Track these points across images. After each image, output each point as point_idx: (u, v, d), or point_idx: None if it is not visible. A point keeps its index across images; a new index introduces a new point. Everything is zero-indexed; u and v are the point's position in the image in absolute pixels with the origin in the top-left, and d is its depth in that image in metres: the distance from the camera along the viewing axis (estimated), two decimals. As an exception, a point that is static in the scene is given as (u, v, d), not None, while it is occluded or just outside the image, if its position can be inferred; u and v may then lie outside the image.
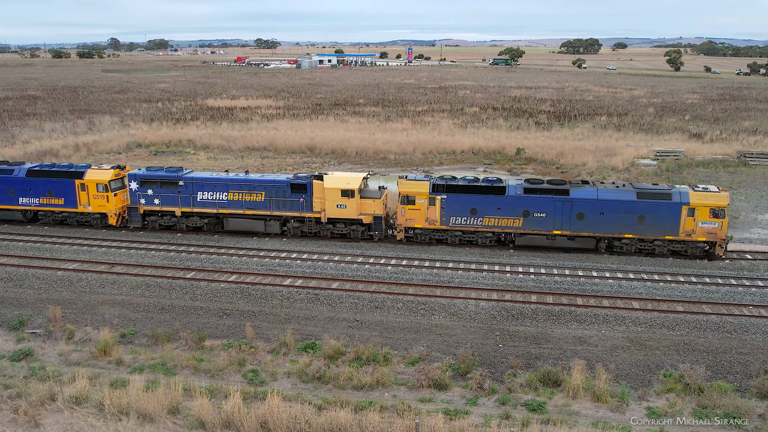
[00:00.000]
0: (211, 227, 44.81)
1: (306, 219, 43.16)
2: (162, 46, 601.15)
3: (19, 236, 43.92)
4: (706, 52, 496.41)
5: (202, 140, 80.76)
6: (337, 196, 41.85)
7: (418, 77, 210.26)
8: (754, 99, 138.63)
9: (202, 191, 43.82)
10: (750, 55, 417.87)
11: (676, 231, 38.98)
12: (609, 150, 73.34)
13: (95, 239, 43.19)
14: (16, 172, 46.11)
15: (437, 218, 41.13)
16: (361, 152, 74.28)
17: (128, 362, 26.94)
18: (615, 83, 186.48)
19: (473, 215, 40.67)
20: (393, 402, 23.76)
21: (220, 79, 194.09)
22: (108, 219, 45.54)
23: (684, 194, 38.88)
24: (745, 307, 32.40)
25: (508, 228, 40.65)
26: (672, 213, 38.70)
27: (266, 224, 43.69)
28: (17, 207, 46.44)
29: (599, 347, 28.47)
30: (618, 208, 39.12)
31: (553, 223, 40.02)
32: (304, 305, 32.78)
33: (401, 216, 41.63)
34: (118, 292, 34.52)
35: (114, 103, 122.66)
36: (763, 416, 22.99)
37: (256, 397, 23.73)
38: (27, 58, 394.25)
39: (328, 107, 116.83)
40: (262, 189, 43.03)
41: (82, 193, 45.08)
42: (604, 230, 39.79)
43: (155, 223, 45.34)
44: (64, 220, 46.64)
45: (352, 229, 42.91)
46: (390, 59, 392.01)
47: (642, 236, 39.57)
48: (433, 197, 40.78)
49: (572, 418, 22.85)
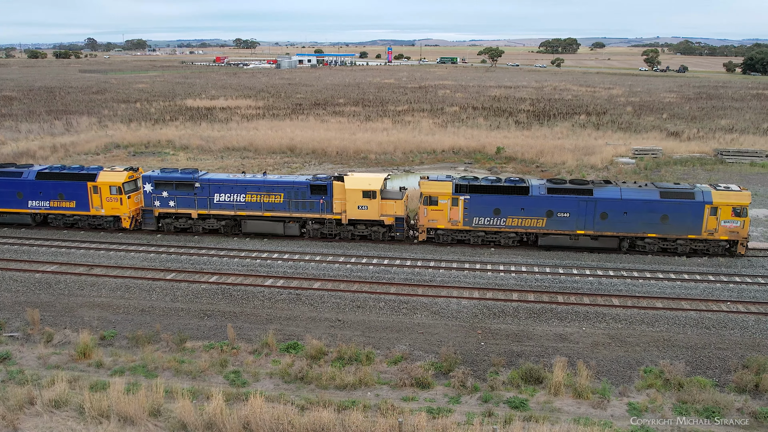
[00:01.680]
0: (228, 229, 44.04)
1: (326, 221, 42.55)
2: (140, 46, 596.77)
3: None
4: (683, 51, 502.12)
5: (181, 141, 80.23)
6: (358, 197, 41.32)
7: (398, 77, 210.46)
8: (730, 98, 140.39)
9: (219, 193, 43.04)
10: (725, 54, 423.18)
11: (699, 230, 39.21)
12: (588, 149, 73.93)
13: (74, 241, 42.72)
14: (25, 174, 44.99)
15: (460, 219, 40.85)
16: (342, 152, 74.18)
17: (108, 365, 26.69)
18: (593, 82, 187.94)
19: (496, 215, 40.44)
20: (376, 401, 23.76)
21: (199, 80, 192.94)
22: (121, 222, 44.61)
23: (707, 193, 39.10)
24: (724, 303, 32.78)
25: (532, 228, 40.48)
26: (695, 212, 38.91)
27: (285, 226, 43.00)
28: (26, 210, 45.23)
29: (580, 344, 28.67)
30: (641, 208, 39.23)
31: (576, 223, 39.99)
32: (285, 305, 32.68)
33: (423, 217, 41.29)
34: (98, 294, 34.19)
35: (92, 103, 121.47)
36: (742, 410, 23.28)
37: (238, 398, 23.61)
38: (2, 59, 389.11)
39: (308, 107, 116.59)
40: (281, 190, 42.32)
41: (95, 196, 44.10)
42: (627, 230, 39.85)
43: (170, 225, 44.42)
44: (75, 224, 45.55)
45: (373, 230, 42.34)
46: (370, 59, 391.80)
47: (665, 235, 39.70)
48: (456, 197, 40.49)
49: (554, 415, 23.00)
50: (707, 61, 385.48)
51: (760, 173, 64.84)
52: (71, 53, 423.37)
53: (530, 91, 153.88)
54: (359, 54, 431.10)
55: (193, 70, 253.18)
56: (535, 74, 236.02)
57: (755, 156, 71.45)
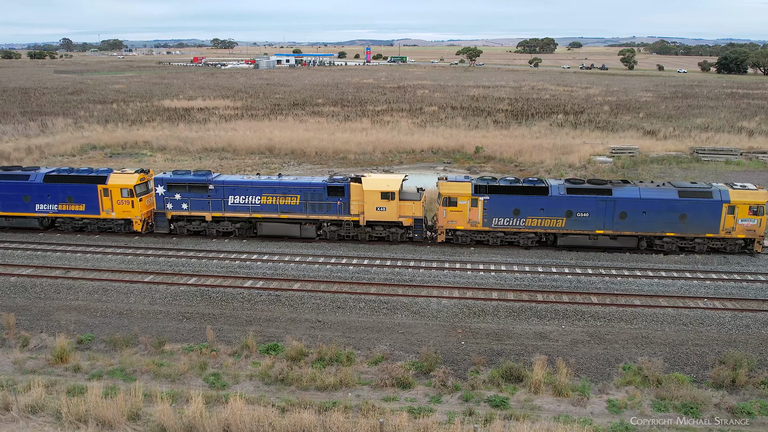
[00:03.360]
0: (243, 232, 43.52)
1: (344, 222, 42.20)
2: (116, 46, 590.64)
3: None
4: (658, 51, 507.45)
5: (158, 141, 79.53)
6: (376, 198, 40.99)
7: (377, 77, 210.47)
8: (705, 97, 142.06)
9: (234, 195, 42.46)
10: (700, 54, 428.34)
11: (717, 228, 39.55)
12: (566, 147, 74.41)
13: (50, 243, 42.16)
14: (32, 177, 43.95)
15: (479, 219, 40.68)
16: (321, 152, 74.03)
17: (86, 369, 26.37)
18: (571, 82, 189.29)
19: (516, 216, 40.36)
20: (357, 402, 23.71)
21: (177, 80, 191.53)
22: (133, 225, 43.79)
23: (724, 192, 39.46)
24: (701, 300, 33.15)
25: (551, 228, 40.49)
26: (712, 211, 39.25)
27: (302, 228, 42.57)
28: (33, 214, 44.27)
29: (560, 342, 28.83)
30: (660, 207, 39.46)
31: (595, 223, 40.06)
32: (265, 307, 32.51)
33: (442, 218, 41.05)
34: (74, 297, 33.78)
35: (67, 104, 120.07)
36: (719, 406, 23.55)
37: (218, 400, 23.44)
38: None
39: (287, 107, 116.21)
40: (298, 192, 41.82)
41: (105, 199, 43.21)
42: (646, 229, 40.03)
43: (183, 228, 43.75)
44: (84, 227, 44.72)
45: (391, 231, 42.06)
46: (348, 59, 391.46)
47: (683, 234, 39.98)
48: (475, 198, 40.32)
49: (534, 413, 23.09)
50: (682, 60, 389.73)
51: (735, 171, 65.62)
52: (46, 53, 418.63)
53: (508, 91, 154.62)
54: (338, 54, 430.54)
55: (171, 71, 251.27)
56: (513, 74, 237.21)
57: (730, 154, 72.31)
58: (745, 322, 30.66)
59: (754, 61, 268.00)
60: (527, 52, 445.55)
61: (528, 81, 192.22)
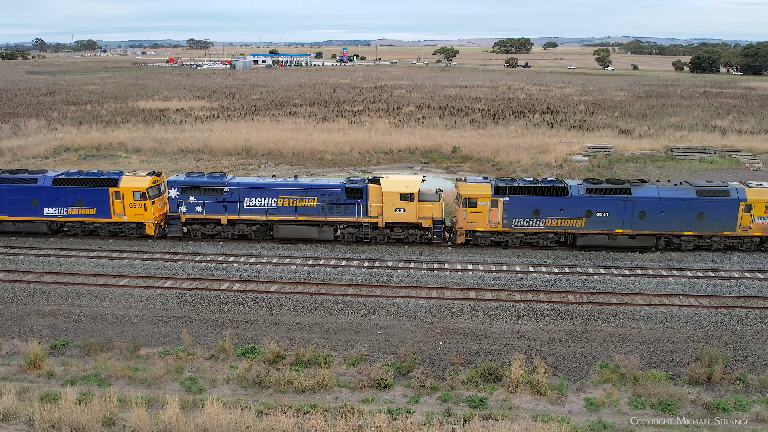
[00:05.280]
0: (259, 235, 43.04)
1: (362, 224, 41.86)
2: (90, 46, 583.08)
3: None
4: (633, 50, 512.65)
5: (133, 143, 78.68)
6: (396, 199, 40.71)
7: (354, 77, 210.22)
8: (679, 96, 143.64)
9: (249, 197, 41.97)
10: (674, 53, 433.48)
11: (734, 227, 40.02)
12: (542, 147, 74.79)
13: (22, 247, 41.51)
14: (41, 180, 42.87)
15: (499, 220, 40.58)
16: (298, 153, 73.72)
17: (59, 374, 25.96)
18: (547, 81, 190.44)
19: (536, 216, 40.36)
20: (335, 404, 23.58)
21: (152, 81, 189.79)
22: (145, 229, 43.03)
23: (741, 191, 39.90)
24: (676, 297, 33.46)
25: (571, 228, 40.55)
26: (729, 209, 39.70)
27: (319, 230, 42.13)
28: (42, 218, 43.31)
29: (538, 341, 28.92)
30: (679, 206, 39.75)
31: (615, 223, 40.20)
32: (242, 309, 32.26)
33: (462, 219, 40.89)
34: (48, 301, 33.25)
35: (40, 106, 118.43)
36: (695, 402, 23.74)
37: (194, 405, 23.19)
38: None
39: (264, 108, 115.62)
40: (315, 194, 41.43)
41: (117, 202, 42.35)
42: (665, 228, 40.29)
43: (197, 232, 43.20)
44: (94, 231, 43.85)
45: (410, 233, 41.84)
46: (325, 59, 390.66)
47: (700, 233, 40.37)
48: (495, 199, 40.24)
49: (513, 413, 23.13)
50: (656, 59, 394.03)
51: (708, 169, 66.40)
52: (18, 54, 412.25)
53: (485, 91, 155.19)
54: (315, 54, 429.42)
55: (146, 71, 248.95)
56: (489, 74, 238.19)
57: (704, 152, 73.16)
58: (720, 318, 30.99)
59: (726, 61, 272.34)
60: (503, 52, 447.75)
61: (504, 81, 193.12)
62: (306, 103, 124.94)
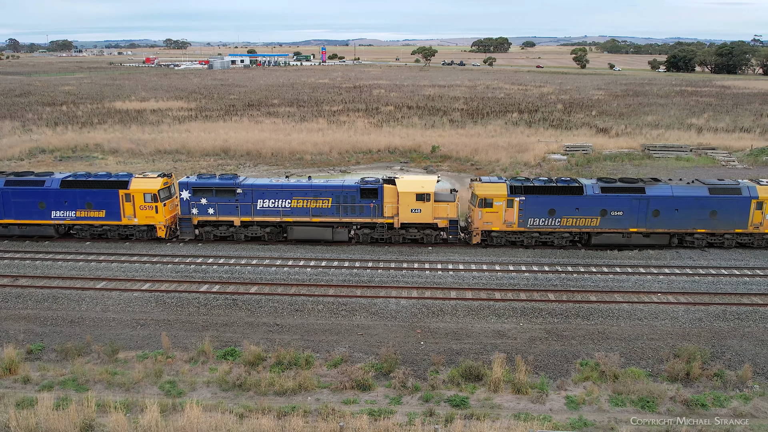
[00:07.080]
0: (273, 236, 42.57)
1: (377, 225, 41.54)
2: (65, 47, 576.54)
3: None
4: (609, 49, 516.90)
5: (110, 144, 77.84)
6: (411, 200, 40.48)
7: (333, 77, 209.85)
8: (655, 94, 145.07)
9: (263, 199, 41.49)
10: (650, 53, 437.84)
11: (745, 224, 40.47)
12: (521, 146, 75.12)
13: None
14: (48, 183, 42.07)
15: (515, 220, 40.54)
16: (277, 153, 73.38)
17: (36, 380, 25.59)
18: (525, 81, 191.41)
19: (551, 216, 40.41)
20: (316, 405, 23.48)
21: (129, 81, 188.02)
22: (156, 231, 42.37)
23: (752, 188, 40.37)
24: (654, 295, 33.74)
25: (586, 227, 40.68)
26: (741, 207, 40.15)
27: (334, 231, 41.82)
28: (49, 221, 42.50)
29: (518, 340, 29.00)
30: (692, 204, 40.07)
31: (629, 221, 40.40)
32: (222, 311, 32.02)
33: (478, 219, 40.76)
34: (23, 306, 32.77)
35: (14, 107, 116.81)
36: (674, 399, 23.93)
37: (174, 408, 22.96)
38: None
39: (242, 108, 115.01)
40: (330, 195, 41.12)
41: (127, 204, 41.67)
42: (678, 226, 40.56)
43: (210, 234, 42.61)
44: (104, 234, 43.09)
45: (425, 233, 41.61)
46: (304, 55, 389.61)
47: (713, 231, 40.76)
48: (511, 199, 40.17)
49: (495, 412, 23.17)
50: (632, 59, 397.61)
51: (685, 167, 67.04)
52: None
53: (464, 90, 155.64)
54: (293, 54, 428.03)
55: (122, 72, 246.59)
56: (468, 73, 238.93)
57: (680, 150, 73.92)
58: (697, 315, 31.29)
59: (701, 60, 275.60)
60: (482, 52, 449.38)
61: (483, 80, 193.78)
62: (285, 103, 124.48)
